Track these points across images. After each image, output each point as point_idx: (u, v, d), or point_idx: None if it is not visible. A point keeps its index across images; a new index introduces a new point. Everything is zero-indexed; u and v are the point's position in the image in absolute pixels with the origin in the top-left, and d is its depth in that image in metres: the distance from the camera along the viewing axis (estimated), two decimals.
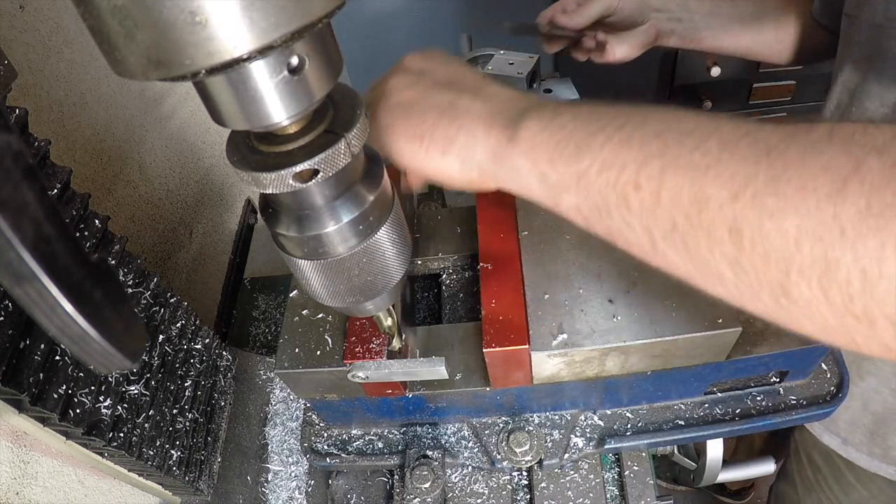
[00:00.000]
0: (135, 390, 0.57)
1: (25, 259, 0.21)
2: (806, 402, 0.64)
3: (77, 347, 0.24)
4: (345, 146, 0.32)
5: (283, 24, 0.24)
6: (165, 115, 0.92)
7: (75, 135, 0.71)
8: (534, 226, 0.62)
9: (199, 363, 0.69)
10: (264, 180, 0.32)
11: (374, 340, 0.55)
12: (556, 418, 0.64)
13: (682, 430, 0.63)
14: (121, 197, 0.79)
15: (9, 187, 0.21)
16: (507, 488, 0.65)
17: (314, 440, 0.68)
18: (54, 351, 0.48)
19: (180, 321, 0.67)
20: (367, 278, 0.40)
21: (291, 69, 0.27)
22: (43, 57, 0.66)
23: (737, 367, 0.58)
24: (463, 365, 0.59)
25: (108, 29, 0.23)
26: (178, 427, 0.63)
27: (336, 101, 0.34)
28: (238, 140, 0.34)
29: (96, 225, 0.55)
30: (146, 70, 0.24)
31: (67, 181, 0.52)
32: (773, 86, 1.63)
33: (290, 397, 0.80)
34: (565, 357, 0.54)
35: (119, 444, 0.53)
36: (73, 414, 0.49)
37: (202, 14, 0.22)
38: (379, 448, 0.67)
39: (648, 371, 0.57)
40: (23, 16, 0.63)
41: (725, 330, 0.51)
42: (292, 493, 0.73)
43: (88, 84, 0.74)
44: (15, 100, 0.59)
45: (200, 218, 0.99)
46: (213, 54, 0.23)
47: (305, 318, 0.61)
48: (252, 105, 0.28)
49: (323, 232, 0.36)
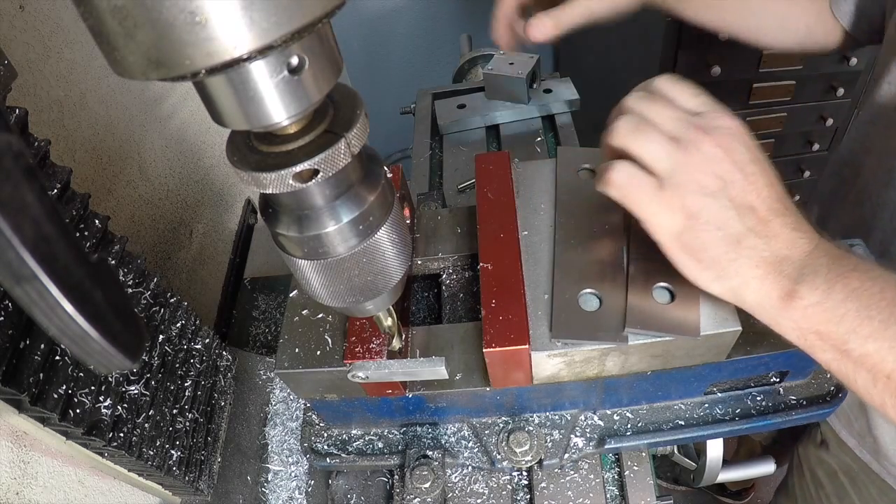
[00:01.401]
0: (135, 390, 0.57)
1: (25, 259, 0.21)
2: (806, 402, 0.63)
3: (77, 347, 0.24)
4: (345, 146, 0.32)
5: (283, 24, 0.24)
6: (165, 115, 0.92)
7: (75, 135, 0.71)
8: (534, 226, 0.62)
9: (199, 363, 0.69)
10: (264, 180, 0.32)
11: (374, 340, 0.55)
12: (556, 418, 0.64)
13: (682, 430, 0.63)
14: (121, 197, 0.79)
15: (9, 187, 0.21)
16: (507, 488, 0.65)
17: (314, 440, 0.68)
18: (54, 351, 0.48)
19: (180, 321, 0.67)
20: (367, 278, 0.40)
21: (291, 69, 0.27)
22: (43, 57, 0.66)
23: (737, 367, 0.58)
24: (463, 365, 0.59)
25: (108, 29, 0.23)
26: (178, 427, 0.63)
27: (336, 101, 0.34)
28: (238, 140, 0.34)
29: (96, 225, 0.55)
30: (146, 70, 0.24)
31: (67, 181, 0.52)
32: (773, 86, 1.63)
33: (290, 397, 0.80)
34: (565, 357, 0.54)
35: (119, 444, 0.53)
36: (73, 414, 0.49)
37: (202, 14, 0.22)
38: (379, 448, 0.67)
39: (648, 371, 0.57)
40: (23, 16, 0.63)
41: (725, 330, 0.51)
42: (292, 493, 0.73)
43: (88, 84, 0.74)
44: (15, 100, 0.59)
45: (200, 218, 1.00)
46: (213, 54, 0.23)
47: (305, 318, 0.61)
48: (252, 105, 0.28)
49: (323, 232, 0.36)
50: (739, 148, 0.42)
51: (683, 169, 0.41)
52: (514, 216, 0.62)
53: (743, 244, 0.42)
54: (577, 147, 0.97)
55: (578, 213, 0.61)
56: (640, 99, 0.44)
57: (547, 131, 1.06)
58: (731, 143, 0.42)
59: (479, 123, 1.09)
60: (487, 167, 0.67)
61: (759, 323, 0.58)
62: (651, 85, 0.46)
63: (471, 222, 0.68)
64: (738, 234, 0.42)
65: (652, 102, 0.44)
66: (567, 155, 0.67)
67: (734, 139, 0.42)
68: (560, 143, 1.03)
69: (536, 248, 0.60)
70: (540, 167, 0.67)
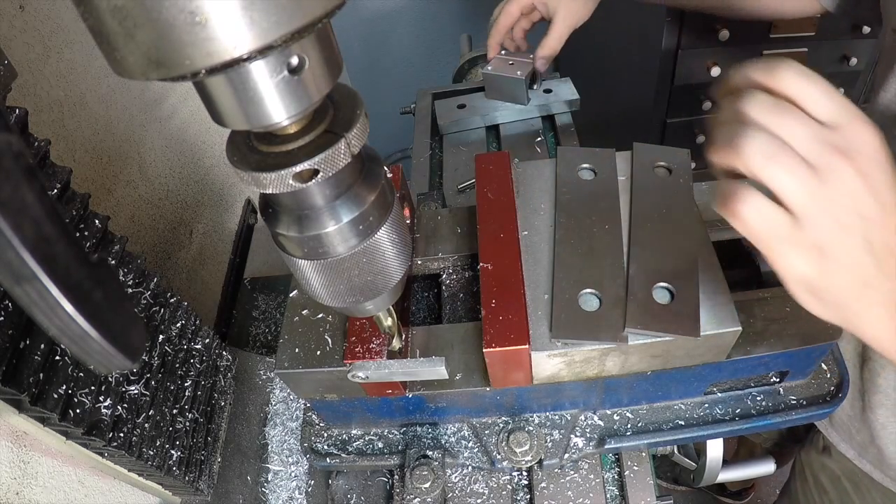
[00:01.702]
0: (135, 390, 0.57)
1: (25, 259, 0.21)
2: (806, 402, 0.63)
3: (77, 347, 0.24)
4: (345, 146, 0.32)
5: (283, 24, 0.24)
6: (165, 115, 0.92)
7: (75, 135, 0.71)
8: (534, 226, 0.62)
9: (199, 363, 0.69)
10: (264, 180, 0.32)
11: (374, 340, 0.55)
12: (556, 418, 0.64)
13: (682, 430, 0.63)
14: (121, 197, 0.79)
15: (9, 187, 0.21)
16: (507, 488, 0.65)
17: (314, 440, 0.68)
18: (54, 351, 0.48)
19: (180, 321, 0.67)
20: (367, 278, 0.40)
21: (291, 69, 0.27)
22: (43, 57, 0.66)
23: (737, 367, 0.58)
24: (463, 365, 0.59)
25: (108, 29, 0.23)
26: (178, 427, 0.63)
27: (336, 101, 0.34)
28: (238, 140, 0.34)
29: (96, 225, 0.55)
30: (146, 70, 0.24)
31: (67, 181, 0.52)
32: None
33: (290, 397, 0.80)
34: (565, 357, 0.54)
35: (119, 444, 0.53)
36: (73, 414, 0.49)
37: (202, 14, 0.22)
38: (379, 448, 0.67)
39: (648, 371, 0.57)
40: (23, 16, 0.63)
41: (725, 330, 0.51)
42: (292, 493, 0.73)
43: (88, 84, 0.74)
44: (15, 100, 0.59)
45: (200, 218, 1.00)
46: (213, 54, 0.23)
47: (305, 318, 0.61)
48: (252, 105, 0.28)
49: (323, 232, 0.36)
50: (879, 176, 0.37)
51: (821, 204, 0.37)
52: (514, 216, 0.62)
53: (872, 286, 0.39)
54: (577, 147, 0.96)
55: (578, 213, 0.61)
56: (767, 109, 0.37)
57: (547, 131, 1.06)
58: (871, 169, 0.37)
59: (479, 123, 1.09)
60: (487, 167, 0.67)
61: (759, 323, 0.58)
62: (776, 80, 0.38)
63: (471, 222, 0.68)
64: (869, 276, 0.39)
65: (783, 115, 0.37)
66: (567, 155, 0.67)
67: (874, 163, 0.37)
68: (560, 143, 1.03)
69: (536, 248, 0.60)
70: (540, 167, 0.67)
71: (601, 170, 0.65)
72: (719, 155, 0.39)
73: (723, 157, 0.39)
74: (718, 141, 0.39)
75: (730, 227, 0.40)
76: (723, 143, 0.38)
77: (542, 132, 1.05)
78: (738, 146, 0.37)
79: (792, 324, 0.57)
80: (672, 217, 0.59)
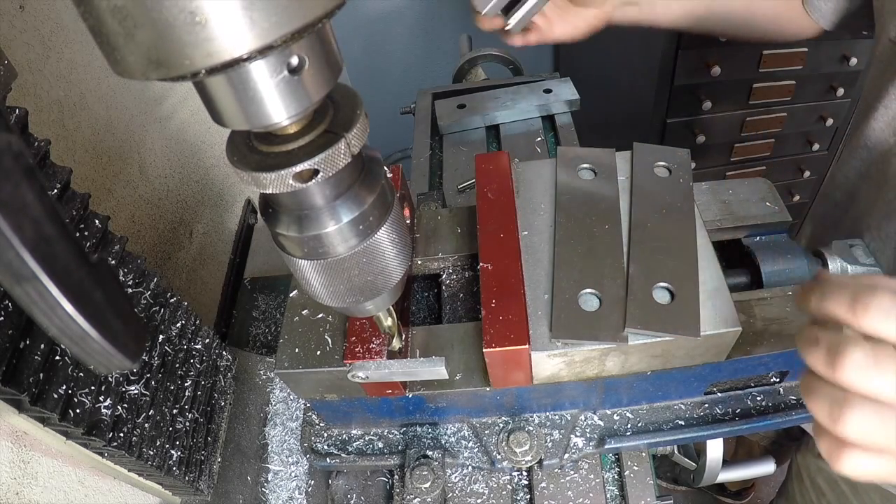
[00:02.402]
0: (135, 390, 0.57)
1: (25, 259, 0.21)
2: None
3: (77, 347, 0.24)
4: (345, 146, 0.32)
5: (283, 24, 0.24)
6: (165, 115, 0.92)
7: (75, 135, 0.71)
8: (534, 226, 0.62)
9: (199, 363, 0.69)
10: (264, 180, 0.32)
11: (374, 340, 0.55)
12: (556, 418, 0.64)
13: (682, 430, 0.63)
14: (121, 197, 0.79)
15: (9, 187, 0.21)
16: (507, 488, 0.65)
17: (314, 440, 0.68)
18: (54, 351, 0.48)
19: (180, 321, 0.67)
20: (367, 278, 0.40)
21: (291, 69, 0.27)
22: (43, 57, 0.66)
23: (737, 367, 0.58)
24: (463, 365, 0.59)
25: (108, 29, 0.23)
26: (178, 427, 0.63)
27: (336, 101, 0.34)
28: (238, 140, 0.34)
29: (96, 225, 0.55)
30: (146, 70, 0.24)
31: (67, 181, 0.52)
32: (773, 86, 1.63)
33: (290, 397, 0.80)
34: (565, 357, 0.54)
35: (119, 444, 0.53)
36: (73, 414, 0.49)
37: (202, 14, 0.22)
38: (379, 448, 0.67)
39: (648, 371, 0.57)
40: (23, 16, 0.63)
41: (725, 330, 0.51)
42: (292, 493, 0.73)
43: (88, 84, 0.74)
44: (15, 100, 0.59)
45: (200, 218, 1.00)
46: (213, 54, 0.23)
47: (305, 318, 0.61)
48: (252, 105, 0.28)
49: (323, 232, 0.36)
50: None
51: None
52: (514, 216, 0.62)
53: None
54: (577, 147, 0.96)
55: (578, 213, 0.61)
56: (867, 375, 0.33)
57: (547, 131, 1.06)
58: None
59: (479, 123, 1.09)
60: (487, 167, 0.67)
61: (759, 323, 0.58)
62: (868, 322, 0.34)
63: (471, 222, 0.68)
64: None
65: (884, 374, 0.33)
66: (567, 155, 0.67)
67: None
68: (560, 143, 1.03)
69: (536, 248, 0.60)
70: (540, 167, 0.67)
71: (601, 170, 0.65)
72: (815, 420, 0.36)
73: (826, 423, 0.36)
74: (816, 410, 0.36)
75: (730, 227, 0.39)
76: (821, 414, 0.35)
77: (542, 132, 1.05)
78: (842, 420, 0.34)
79: (792, 324, 0.57)
80: (672, 217, 0.59)
